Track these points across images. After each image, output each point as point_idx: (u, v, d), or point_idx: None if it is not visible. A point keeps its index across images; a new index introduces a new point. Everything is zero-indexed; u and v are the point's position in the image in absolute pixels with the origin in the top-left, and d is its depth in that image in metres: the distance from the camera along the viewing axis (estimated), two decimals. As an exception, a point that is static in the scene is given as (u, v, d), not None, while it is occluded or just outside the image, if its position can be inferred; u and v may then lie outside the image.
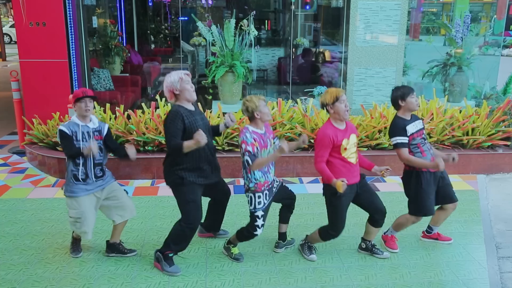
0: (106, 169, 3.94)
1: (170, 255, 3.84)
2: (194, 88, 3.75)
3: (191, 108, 3.76)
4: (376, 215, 3.95)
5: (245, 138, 3.67)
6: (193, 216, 3.75)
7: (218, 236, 4.43)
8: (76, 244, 4.12)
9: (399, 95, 3.93)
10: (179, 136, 3.61)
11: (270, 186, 3.87)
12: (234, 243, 4.07)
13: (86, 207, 3.78)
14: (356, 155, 3.84)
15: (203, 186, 3.82)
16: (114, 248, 4.09)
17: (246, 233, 3.90)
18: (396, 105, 3.99)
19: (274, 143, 3.91)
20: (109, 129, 3.95)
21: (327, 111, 3.77)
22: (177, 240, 3.79)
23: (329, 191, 3.78)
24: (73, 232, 4.06)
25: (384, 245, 4.28)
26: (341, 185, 3.52)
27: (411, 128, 3.93)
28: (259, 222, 3.82)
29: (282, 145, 3.53)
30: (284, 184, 4.11)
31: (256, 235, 3.86)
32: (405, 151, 3.89)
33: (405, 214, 4.15)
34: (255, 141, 3.67)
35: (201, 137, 3.45)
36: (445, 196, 4.11)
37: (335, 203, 3.81)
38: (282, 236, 4.23)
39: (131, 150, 3.80)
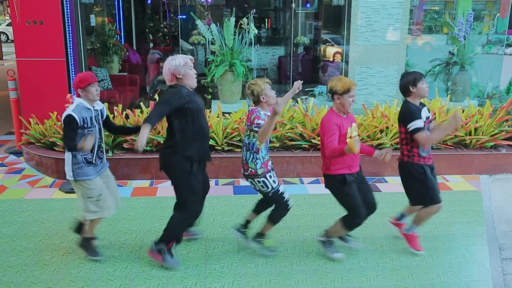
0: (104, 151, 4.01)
1: (169, 248, 3.87)
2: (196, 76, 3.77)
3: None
4: (368, 210, 3.92)
5: (258, 114, 3.73)
6: (194, 208, 3.82)
7: (194, 237, 4.38)
8: (90, 245, 4.06)
9: (410, 81, 3.88)
10: (162, 117, 3.62)
11: (273, 167, 3.96)
12: (263, 234, 4.10)
13: (99, 188, 3.84)
14: (359, 145, 3.84)
15: (200, 176, 3.86)
16: (79, 228, 4.08)
17: (282, 210, 3.93)
18: (406, 91, 3.93)
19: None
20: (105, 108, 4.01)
21: (333, 99, 3.77)
22: (174, 233, 3.84)
23: (338, 182, 3.78)
24: (82, 233, 4.04)
25: (408, 245, 4.21)
26: (353, 142, 3.39)
27: (424, 114, 3.90)
28: (286, 195, 3.91)
29: (275, 107, 3.44)
30: None
31: (290, 207, 3.92)
32: (424, 133, 3.81)
33: (422, 209, 4.06)
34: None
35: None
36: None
37: (347, 191, 3.80)
38: (246, 224, 4.22)
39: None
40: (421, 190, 3.99)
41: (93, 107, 3.80)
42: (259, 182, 3.86)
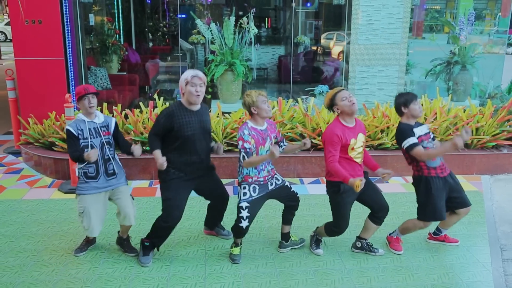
0: (120, 167, 4.03)
1: (146, 243, 3.98)
2: (202, 91, 3.80)
3: (194, 108, 3.83)
4: (380, 213, 3.99)
5: (242, 135, 3.72)
6: (168, 214, 3.84)
7: (221, 236, 4.47)
8: (84, 244, 4.18)
9: (401, 102, 3.93)
10: (160, 135, 3.80)
11: (262, 182, 3.87)
12: (235, 242, 4.09)
13: (88, 204, 3.86)
14: (362, 155, 3.87)
15: (188, 185, 3.90)
16: (119, 242, 4.21)
17: (234, 227, 3.93)
18: (399, 112, 3.99)
19: (274, 142, 3.91)
20: (116, 123, 4.02)
21: (334, 111, 3.84)
22: (153, 233, 3.96)
23: (333, 189, 3.81)
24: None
25: (389, 246, 4.28)
26: (359, 184, 3.51)
27: (417, 131, 3.93)
28: (243, 213, 3.82)
29: (273, 150, 3.53)
30: (288, 185, 4.10)
31: (242, 227, 3.83)
32: (420, 148, 3.83)
33: (413, 219, 4.14)
34: (252, 138, 3.71)
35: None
36: (458, 201, 4.11)
37: (337, 200, 3.86)
38: (284, 236, 4.24)
39: (137, 151, 3.90)
40: (422, 202, 4.03)
41: (92, 120, 3.82)
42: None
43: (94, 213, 3.87)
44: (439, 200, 3.95)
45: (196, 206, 5.01)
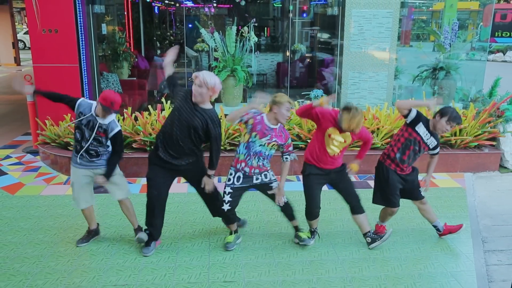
0: (104, 158, 3.92)
1: (143, 228, 4.06)
2: (200, 92, 3.70)
3: (198, 104, 3.77)
4: (352, 202, 4.05)
5: (249, 111, 3.82)
6: (149, 193, 3.89)
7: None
8: (85, 235, 4.20)
9: (446, 113, 3.85)
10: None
11: (248, 173, 3.87)
12: (230, 228, 4.16)
13: (74, 177, 3.95)
14: (337, 153, 3.88)
15: (165, 169, 3.86)
16: (137, 231, 4.19)
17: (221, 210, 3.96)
18: (435, 115, 3.93)
19: (272, 145, 3.87)
20: (119, 133, 3.87)
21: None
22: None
23: (303, 169, 3.99)
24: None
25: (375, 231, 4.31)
26: (322, 100, 3.70)
27: (422, 131, 3.93)
28: (226, 197, 3.88)
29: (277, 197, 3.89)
30: (273, 186, 3.99)
31: (224, 210, 3.88)
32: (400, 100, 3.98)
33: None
34: (254, 127, 3.76)
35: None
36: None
37: (304, 181, 3.98)
38: (296, 229, 4.25)
39: (99, 180, 3.87)
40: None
41: (98, 116, 3.79)
42: None
43: (77, 185, 3.94)
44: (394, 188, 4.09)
45: (199, 201, 5.00)
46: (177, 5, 14.41)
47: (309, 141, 5.91)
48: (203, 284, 3.59)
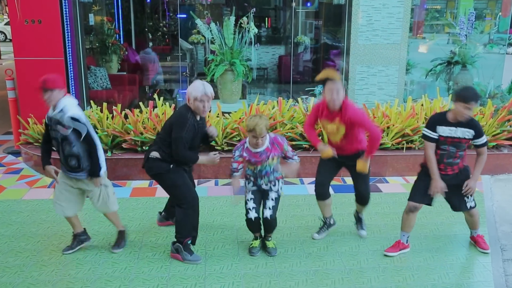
0: (86, 167, 3.89)
1: (189, 242, 4.01)
2: (210, 106, 3.86)
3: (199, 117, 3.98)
4: (358, 196, 4.35)
5: (233, 154, 4.02)
6: (190, 196, 3.97)
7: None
8: (72, 242, 4.19)
9: (463, 96, 3.70)
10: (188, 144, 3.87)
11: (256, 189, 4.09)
12: (254, 235, 4.24)
13: (59, 178, 4.03)
14: (339, 139, 4.08)
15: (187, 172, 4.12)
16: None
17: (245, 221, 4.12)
18: (453, 99, 3.81)
19: (273, 159, 3.95)
20: (75, 117, 3.78)
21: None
22: (184, 224, 3.96)
23: None
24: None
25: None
26: (326, 153, 4.10)
27: (442, 130, 3.90)
28: (249, 204, 4.04)
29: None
30: (272, 198, 4.07)
31: (250, 218, 4.01)
32: (428, 145, 3.96)
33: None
34: (243, 158, 3.96)
35: (215, 159, 4.05)
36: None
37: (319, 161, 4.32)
38: (265, 238, 4.33)
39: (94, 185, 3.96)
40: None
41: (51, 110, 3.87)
42: None
43: (58, 189, 4.01)
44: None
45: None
46: (171, -7, 14.40)
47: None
48: (199, 295, 3.59)
